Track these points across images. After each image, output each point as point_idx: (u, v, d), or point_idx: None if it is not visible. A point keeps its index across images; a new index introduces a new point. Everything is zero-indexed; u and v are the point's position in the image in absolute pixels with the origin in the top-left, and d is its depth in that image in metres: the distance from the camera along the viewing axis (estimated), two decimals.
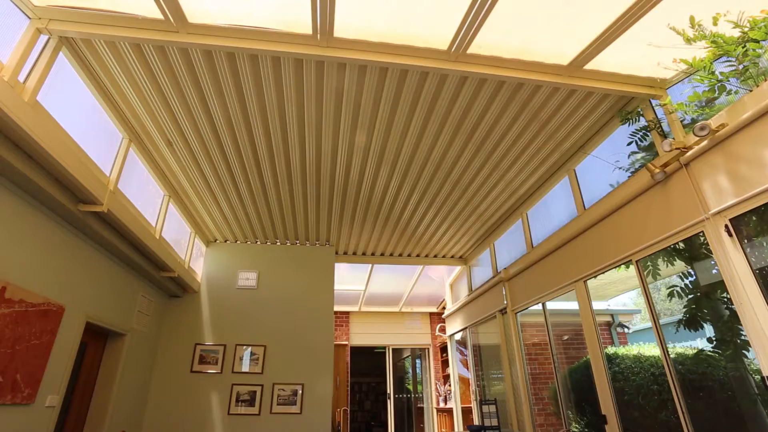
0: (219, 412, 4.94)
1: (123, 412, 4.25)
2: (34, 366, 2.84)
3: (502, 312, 5.31)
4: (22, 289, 2.69)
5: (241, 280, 5.61)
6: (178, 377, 5.03)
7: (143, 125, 3.47)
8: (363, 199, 4.74)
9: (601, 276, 3.68)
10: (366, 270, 7.10)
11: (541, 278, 4.46)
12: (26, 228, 2.77)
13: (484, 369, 6.25)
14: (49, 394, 3.04)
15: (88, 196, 2.96)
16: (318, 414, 5.07)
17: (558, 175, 4.25)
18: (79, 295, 3.38)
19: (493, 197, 4.82)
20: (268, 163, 4.00)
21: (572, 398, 4.34)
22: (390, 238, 5.88)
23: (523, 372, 4.81)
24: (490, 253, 5.88)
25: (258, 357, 5.23)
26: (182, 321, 5.29)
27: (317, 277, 5.77)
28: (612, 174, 3.46)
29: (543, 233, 4.61)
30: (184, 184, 4.34)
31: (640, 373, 3.47)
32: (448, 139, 3.72)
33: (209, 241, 5.81)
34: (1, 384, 2.55)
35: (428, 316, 9.18)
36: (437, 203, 4.93)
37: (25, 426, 2.83)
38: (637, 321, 8.45)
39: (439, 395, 8.28)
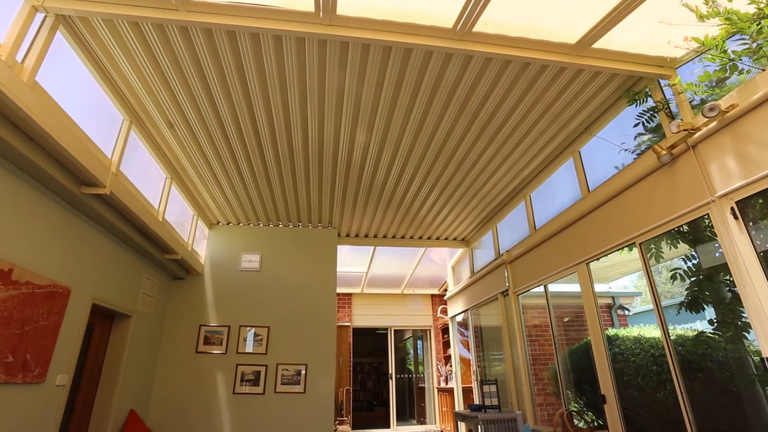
0: (224, 391, 5.03)
1: (131, 392, 4.33)
2: (43, 346, 2.88)
3: (504, 294, 5.34)
4: (28, 271, 2.71)
5: (244, 262, 5.64)
6: (183, 357, 5.10)
7: (144, 106, 3.43)
8: (365, 180, 4.72)
9: (603, 258, 3.68)
10: (368, 252, 7.13)
11: (543, 260, 4.47)
12: (30, 211, 2.77)
13: (485, 350, 6.33)
14: (58, 374, 3.09)
15: (91, 179, 2.95)
16: (321, 393, 5.16)
17: (562, 157, 4.21)
18: (84, 277, 3.41)
19: (496, 179, 4.80)
20: (270, 145, 3.97)
21: (572, 379, 4.41)
22: (392, 220, 5.88)
23: (524, 353, 4.86)
24: (493, 235, 5.89)
25: (262, 338, 5.30)
26: (186, 302, 5.34)
27: (320, 259, 5.80)
28: (617, 156, 3.43)
29: (546, 216, 4.60)
30: (186, 166, 4.32)
31: (640, 354, 3.50)
32: (451, 120, 3.68)
33: (212, 223, 5.81)
34: (13, 364, 2.59)
35: (430, 298, 9.26)
36: (440, 185, 4.91)
37: (37, 404, 2.89)
38: (637, 303, 8.52)
39: (440, 375, 8.42)
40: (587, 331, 5.30)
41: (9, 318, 2.55)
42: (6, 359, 2.54)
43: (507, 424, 4.63)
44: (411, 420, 9.80)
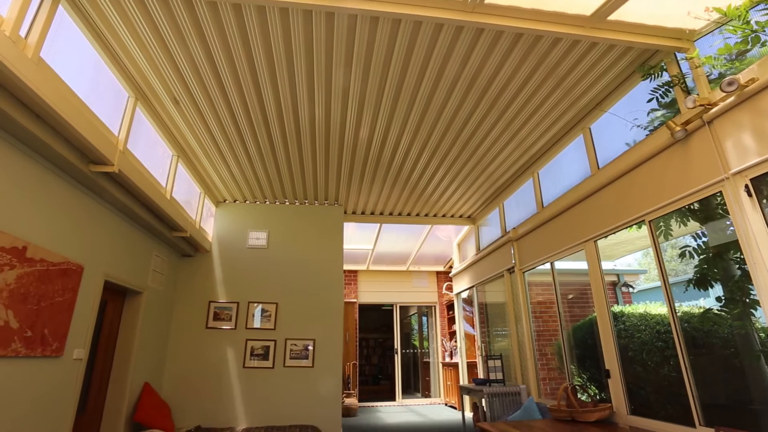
0: (235, 365, 5.15)
1: (144, 365, 4.45)
2: (59, 322, 2.94)
3: (510, 271, 5.37)
4: (42, 248, 2.74)
5: (252, 239, 5.68)
6: (194, 333, 5.21)
7: (149, 83, 3.39)
8: (372, 158, 4.69)
9: (610, 236, 3.68)
10: (374, 229, 7.16)
11: (550, 238, 4.47)
12: (42, 190, 2.78)
13: (490, 326, 6.42)
14: (75, 348, 3.17)
15: (99, 157, 2.95)
16: (329, 367, 5.28)
17: (572, 133, 4.15)
18: (96, 255, 3.45)
19: (504, 156, 4.75)
20: (276, 121, 3.94)
21: (575, 354, 4.48)
22: (398, 198, 5.87)
23: (529, 329, 4.93)
24: (499, 213, 5.87)
25: (270, 314, 5.38)
26: (195, 279, 5.42)
27: (327, 236, 5.83)
28: (629, 132, 3.37)
29: (554, 193, 4.57)
30: (192, 143, 4.30)
31: (646, 330, 3.54)
32: (460, 96, 3.62)
33: (218, 201, 5.83)
34: (32, 338, 2.65)
35: (435, 275, 9.33)
36: (447, 163, 4.87)
37: (57, 377, 2.98)
38: (641, 281, 8.56)
39: (445, 350, 8.57)
40: (591, 308, 5.36)
41: (26, 294, 2.60)
42: (25, 334, 2.60)
43: (511, 397, 4.74)
44: (416, 393, 10.04)
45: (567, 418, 3.56)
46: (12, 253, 2.48)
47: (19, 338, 2.55)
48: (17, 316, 2.53)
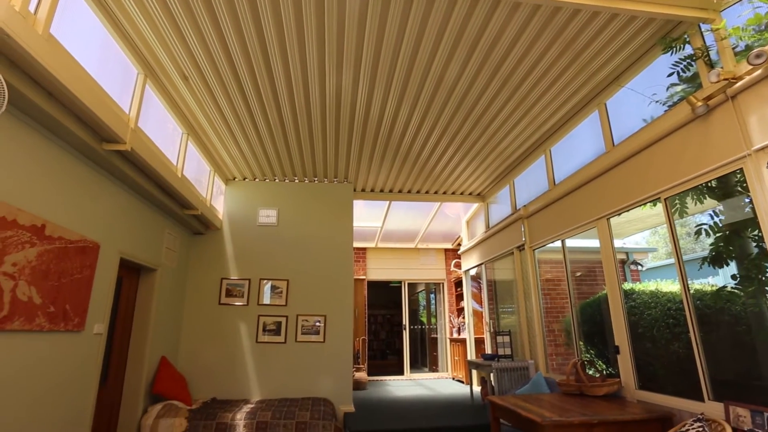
0: (248, 340, 5.27)
1: (161, 340, 4.56)
2: (79, 298, 3.01)
3: (520, 248, 5.38)
4: (59, 227, 2.78)
5: (262, 217, 5.71)
6: (207, 309, 5.32)
7: (158, 59, 3.35)
8: (382, 135, 4.65)
9: (622, 214, 3.65)
10: (383, 207, 7.16)
11: (561, 216, 4.44)
12: (57, 168, 2.80)
13: (498, 303, 6.47)
14: (96, 323, 3.26)
15: (112, 135, 2.95)
16: (340, 342, 5.38)
17: (587, 109, 4.07)
18: (111, 233, 3.49)
19: (515, 133, 4.69)
20: (286, 98, 3.89)
21: (583, 331, 4.52)
22: (408, 175, 5.84)
23: (539, 306, 4.96)
24: (510, 190, 5.84)
25: (281, 290, 5.46)
26: (207, 257, 5.49)
27: (336, 214, 5.84)
28: (647, 108, 3.29)
29: (566, 170, 4.52)
30: (202, 121, 4.27)
31: (657, 307, 3.55)
32: (473, 72, 3.54)
33: (228, 179, 5.84)
34: (54, 313, 2.72)
35: (443, 252, 9.37)
36: (458, 140, 4.82)
37: (80, 350, 3.07)
38: (648, 259, 8.55)
39: (453, 327, 8.69)
40: (599, 286, 5.38)
41: (47, 271, 2.65)
42: (48, 309, 2.67)
43: (520, 372, 4.82)
44: (423, 368, 10.24)
45: (576, 392, 3.62)
46: (32, 231, 2.52)
47: (42, 313, 2.62)
48: (40, 293, 2.59)
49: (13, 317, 2.38)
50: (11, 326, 2.37)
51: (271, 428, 4.08)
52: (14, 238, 2.38)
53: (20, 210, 2.43)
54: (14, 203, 2.42)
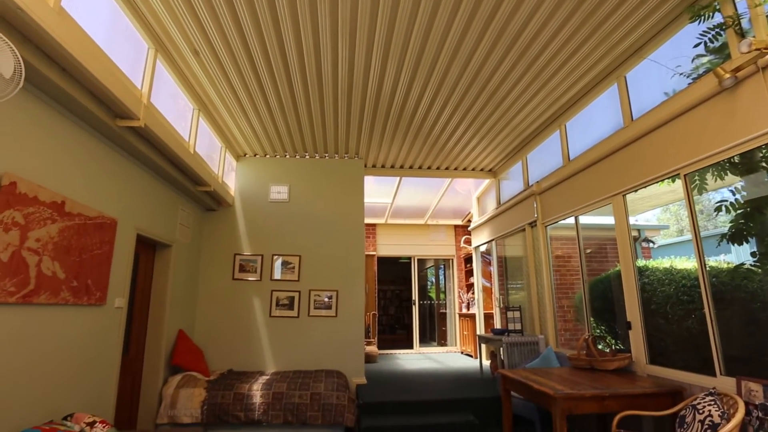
0: (261, 314, 5.38)
1: (178, 314, 4.67)
2: (100, 273, 3.07)
3: (532, 225, 5.36)
4: (78, 203, 2.81)
5: (273, 193, 5.72)
6: (221, 284, 5.41)
7: (168, 33, 3.30)
8: (395, 110, 4.58)
9: (638, 191, 3.60)
10: (393, 183, 7.13)
11: (575, 192, 4.40)
12: (73, 145, 2.81)
13: (508, 279, 6.51)
14: (116, 297, 3.34)
15: (125, 111, 2.94)
16: (351, 317, 5.47)
17: (606, 82, 3.96)
18: (127, 209, 3.53)
19: (530, 108, 4.59)
20: (298, 73, 3.83)
21: (594, 307, 4.54)
22: (419, 151, 5.79)
23: (550, 282, 4.98)
24: (522, 166, 5.77)
25: (294, 266, 5.53)
26: (220, 233, 5.55)
27: (347, 190, 5.84)
28: (669, 81, 3.19)
29: (581, 146, 4.44)
30: (213, 96, 4.24)
31: (671, 284, 3.54)
32: (489, 45, 3.45)
33: (239, 155, 5.83)
34: (78, 288, 2.79)
35: (453, 228, 9.37)
36: (470, 116, 4.74)
37: (102, 323, 3.16)
38: (659, 237, 8.49)
39: (462, 302, 8.77)
40: (610, 263, 5.37)
41: (68, 247, 2.70)
42: (71, 284, 2.73)
43: (530, 346, 4.89)
44: (432, 342, 10.42)
45: (586, 366, 3.67)
46: (52, 207, 2.56)
47: (66, 288, 2.68)
48: (63, 268, 2.65)
49: (39, 291, 2.44)
50: (38, 300, 2.44)
51: (287, 398, 4.21)
52: (36, 215, 2.42)
53: (41, 187, 2.46)
54: (35, 180, 2.44)
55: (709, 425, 2.32)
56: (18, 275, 2.28)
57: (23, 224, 2.32)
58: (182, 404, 4.12)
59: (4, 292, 2.19)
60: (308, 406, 4.20)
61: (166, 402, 4.13)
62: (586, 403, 2.83)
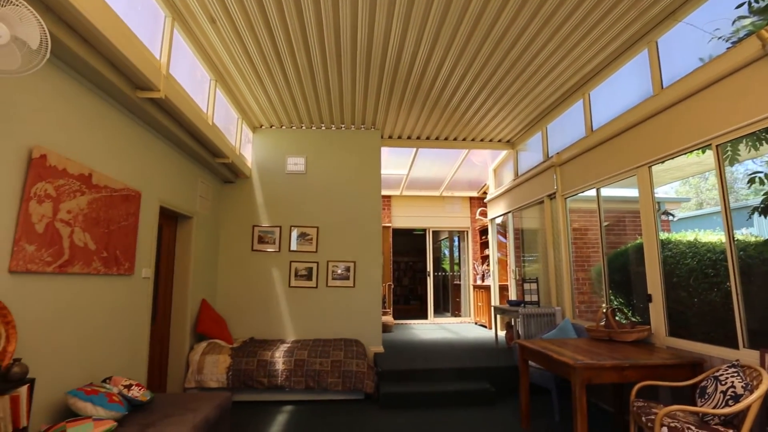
0: (281, 284, 5.49)
1: (200, 284, 4.79)
2: (127, 244, 3.14)
3: (551, 197, 5.29)
4: (104, 175, 2.85)
5: (290, 165, 5.72)
6: (241, 255, 5.51)
7: (185, 1, 3.22)
8: (413, 80, 4.48)
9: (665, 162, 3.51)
10: (409, 155, 7.07)
11: (597, 163, 4.30)
12: (98, 118, 2.82)
13: (525, 251, 6.49)
14: (143, 268, 3.42)
15: (145, 82, 2.92)
16: (369, 287, 5.55)
17: (635, 48, 3.80)
18: (150, 182, 3.57)
19: (553, 77, 4.45)
20: (316, 42, 3.75)
21: (612, 279, 4.52)
22: (437, 122, 5.69)
23: (568, 254, 4.96)
24: (542, 137, 5.64)
25: (312, 237, 5.59)
26: (238, 205, 5.60)
27: (364, 161, 5.81)
28: (706, 46, 3.04)
29: (605, 116, 4.31)
30: (230, 66, 4.18)
31: (695, 257, 3.50)
32: (513, 12, 3.31)
33: (255, 127, 5.80)
34: (107, 258, 2.86)
35: (468, 200, 9.32)
36: (490, 85, 4.62)
37: (131, 292, 3.26)
38: (679, 210, 8.34)
39: (477, 274, 8.82)
40: (628, 236, 5.31)
41: (97, 219, 2.75)
42: (102, 254, 2.80)
43: (546, 318, 4.92)
44: (445, 313, 10.57)
45: (604, 337, 3.69)
46: (81, 179, 2.59)
47: (97, 258, 2.76)
48: (93, 239, 2.71)
49: (73, 261, 2.51)
50: (72, 270, 2.51)
51: (308, 365, 4.35)
52: (66, 187, 2.46)
53: (68, 159, 2.49)
54: (62, 153, 2.47)
55: (731, 396, 2.33)
56: (53, 246, 2.35)
57: (55, 196, 2.36)
58: (208, 370, 4.28)
59: (42, 262, 2.26)
60: (329, 372, 4.33)
61: (193, 368, 4.30)
62: (605, 373, 2.86)
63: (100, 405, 2.39)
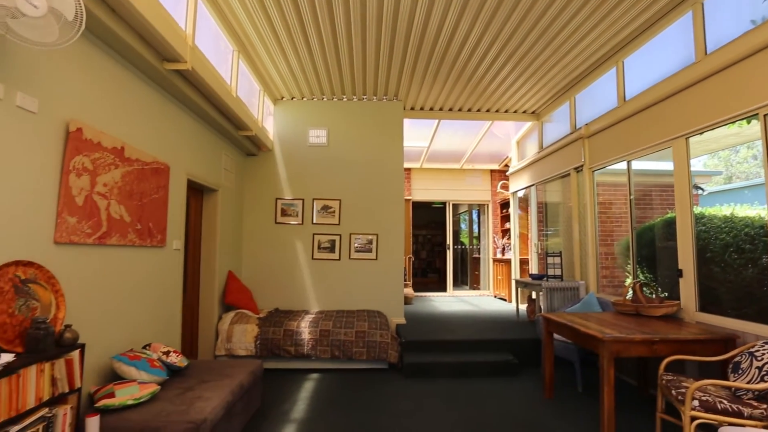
0: (304, 257, 5.57)
1: (226, 256, 4.89)
2: (158, 217, 3.20)
3: (577, 170, 5.17)
4: (135, 149, 2.88)
5: (312, 137, 5.69)
6: (264, 228, 5.58)
7: None
8: (438, 51, 4.35)
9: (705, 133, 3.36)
10: (430, 127, 6.95)
11: (630, 135, 4.16)
12: (126, 92, 2.83)
13: (548, 224, 6.42)
14: (174, 240, 3.50)
15: (172, 54, 2.90)
16: (391, 260, 5.60)
17: (678, 11, 3.59)
18: (177, 155, 3.60)
19: (584, 45, 4.26)
20: (341, 11, 3.64)
21: (640, 254, 4.45)
22: (460, 93, 5.56)
23: (594, 228, 4.88)
24: (570, 107, 5.46)
25: (334, 210, 5.61)
26: (261, 178, 5.63)
27: (386, 133, 5.74)
28: (760, 6, 2.85)
29: (639, 85, 4.13)
30: (252, 37, 4.12)
31: (732, 231, 3.40)
32: None
33: (277, 99, 5.76)
34: (141, 230, 2.93)
35: (489, 173, 9.18)
36: (518, 54, 4.46)
37: (163, 263, 3.35)
38: (709, 184, 8.07)
39: (497, 247, 8.79)
40: (654, 210, 5.17)
41: (130, 192, 2.80)
42: (136, 227, 2.87)
43: (570, 292, 4.90)
44: (463, 286, 10.63)
45: (631, 312, 3.67)
46: (114, 153, 2.63)
47: (132, 230, 2.82)
48: (128, 211, 2.77)
49: (110, 233, 2.58)
50: (110, 241, 2.58)
51: (333, 335, 4.45)
52: (101, 160, 2.49)
53: (103, 133, 2.52)
54: (96, 126, 2.49)
55: (767, 372, 2.31)
56: (92, 218, 2.41)
57: (92, 169, 2.40)
58: (237, 338, 4.43)
59: (83, 234, 2.32)
60: (353, 342, 4.44)
61: (222, 336, 4.45)
62: (634, 347, 2.85)
63: (144, 370, 2.50)
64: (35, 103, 2.04)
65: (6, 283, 1.81)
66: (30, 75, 2.02)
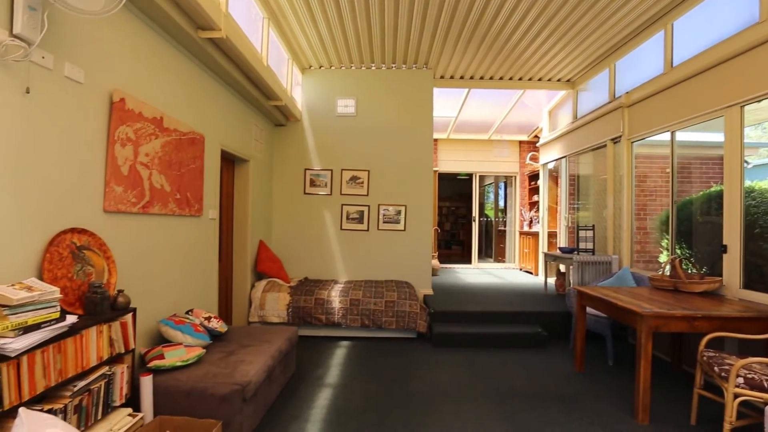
0: (332, 227, 5.61)
1: (257, 226, 4.98)
2: (195, 186, 3.26)
3: (615, 141, 4.97)
4: (173, 119, 2.90)
5: (340, 107, 5.62)
6: (294, 198, 5.63)
7: None
8: (473, 16, 4.16)
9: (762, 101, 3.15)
10: (459, 96, 6.77)
11: (675, 103, 3.94)
12: (161, 62, 2.82)
13: (580, 197, 6.26)
14: (210, 209, 3.57)
15: (207, 21, 2.86)
16: (419, 231, 5.59)
17: None
18: (211, 125, 3.62)
19: (630, 6, 4.00)
20: None
21: (680, 229, 4.30)
22: (493, 61, 5.35)
23: (630, 202, 4.73)
24: (609, 75, 5.20)
25: (363, 181, 5.60)
26: (289, 148, 5.63)
27: (415, 102, 5.61)
28: None
29: (688, 51, 3.88)
30: (282, 2, 4.02)
31: None
32: None
33: (305, 68, 5.67)
34: (180, 200, 2.99)
35: (518, 144, 8.95)
36: (557, 19, 4.24)
37: (201, 232, 3.44)
38: (753, 157, 7.64)
39: (524, 220, 8.67)
40: (693, 184, 4.96)
41: (170, 162, 2.84)
42: (176, 196, 2.93)
43: (602, 266, 4.82)
44: (488, 258, 10.59)
45: (669, 287, 3.58)
46: (154, 123, 2.65)
47: (172, 199, 2.88)
48: (168, 181, 2.82)
49: (153, 202, 2.64)
50: (152, 210, 2.65)
51: (363, 305, 4.53)
52: (143, 130, 2.52)
53: (144, 103, 2.53)
54: (138, 96, 2.51)
55: None
56: (136, 187, 2.46)
57: (134, 139, 2.44)
58: (270, 306, 4.56)
59: (128, 203, 2.38)
60: (383, 312, 4.51)
61: (255, 304, 4.59)
62: (674, 323, 2.80)
63: (188, 334, 2.61)
64: (81, 74, 2.06)
65: (64, 249, 1.89)
66: (75, 45, 2.03)
